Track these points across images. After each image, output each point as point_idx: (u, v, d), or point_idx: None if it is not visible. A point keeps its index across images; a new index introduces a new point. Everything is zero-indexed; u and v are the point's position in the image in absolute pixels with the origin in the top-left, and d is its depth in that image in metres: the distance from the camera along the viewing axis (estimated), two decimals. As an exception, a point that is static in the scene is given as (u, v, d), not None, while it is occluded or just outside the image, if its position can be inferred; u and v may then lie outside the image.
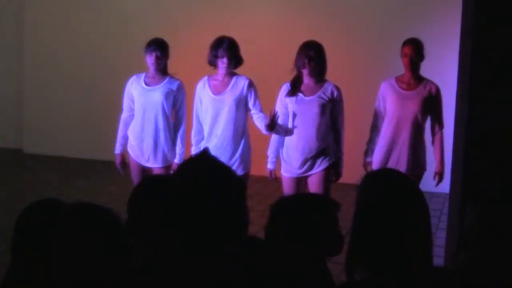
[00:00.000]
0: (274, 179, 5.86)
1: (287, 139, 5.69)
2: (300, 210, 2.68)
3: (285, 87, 5.67)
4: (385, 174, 2.63)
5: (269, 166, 5.80)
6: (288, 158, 5.70)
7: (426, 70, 5.97)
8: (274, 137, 5.77)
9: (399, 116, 5.69)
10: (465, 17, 4.17)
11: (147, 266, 2.19)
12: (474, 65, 3.95)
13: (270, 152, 5.80)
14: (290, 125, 5.65)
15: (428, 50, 5.86)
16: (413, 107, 5.66)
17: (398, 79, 5.78)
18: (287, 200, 2.83)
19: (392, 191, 2.31)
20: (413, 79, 5.73)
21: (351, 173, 5.79)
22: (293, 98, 5.59)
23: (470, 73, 3.98)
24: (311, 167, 5.65)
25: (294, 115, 5.61)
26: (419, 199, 2.33)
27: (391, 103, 5.72)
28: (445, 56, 8.02)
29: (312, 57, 5.51)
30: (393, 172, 2.61)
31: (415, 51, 5.67)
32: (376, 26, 8.88)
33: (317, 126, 5.58)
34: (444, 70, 7.76)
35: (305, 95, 5.59)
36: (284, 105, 5.66)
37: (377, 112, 5.89)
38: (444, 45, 8.15)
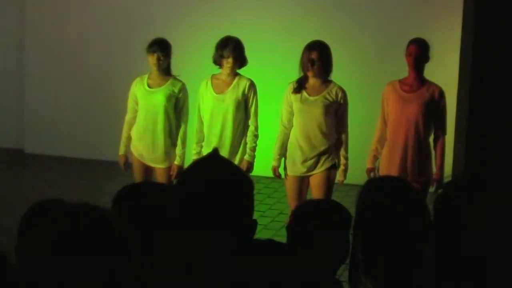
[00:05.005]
0: (278, 177, 5.88)
1: (291, 138, 5.71)
2: (320, 218, 2.68)
3: (291, 86, 5.69)
4: (384, 182, 2.56)
5: (274, 163, 5.82)
6: (292, 157, 5.72)
7: (426, 70, 5.94)
8: (279, 136, 5.79)
9: (400, 119, 5.56)
10: (466, 17, 4.20)
11: (151, 267, 2.20)
12: (475, 65, 3.97)
13: (275, 150, 5.82)
14: (294, 124, 5.68)
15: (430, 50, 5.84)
16: (414, 110, 5.51)
17: (401, 81, 5.67)
18: (305, 208, 2.83)
19: (391, 199, 2.26)
20: (416, 80, 5.60)
21: (351, 174, 5.81)
22: (298, 97, 5.61)
23: (472, 73, 4.00)
24: (314, 167, 5.66)
25: (298, 114, 5.63)
26: (420, 206, 2.28)
27: (392, 106, 5.62)
28: (446, 56, 8.02)
29: (315, 60, 5.52)
30: (393, 180, 2.58)
31: (420, 50, 5.56)
32: (378, 27, 8.88)
33: (321, 126, 5.59)
34: (445, 71, 7.76)
35: (309, 95, 5.61)
36: (290, 103, 5.69)
37: (381, 122, 5.75)
38: (446, 46, 8.15)
